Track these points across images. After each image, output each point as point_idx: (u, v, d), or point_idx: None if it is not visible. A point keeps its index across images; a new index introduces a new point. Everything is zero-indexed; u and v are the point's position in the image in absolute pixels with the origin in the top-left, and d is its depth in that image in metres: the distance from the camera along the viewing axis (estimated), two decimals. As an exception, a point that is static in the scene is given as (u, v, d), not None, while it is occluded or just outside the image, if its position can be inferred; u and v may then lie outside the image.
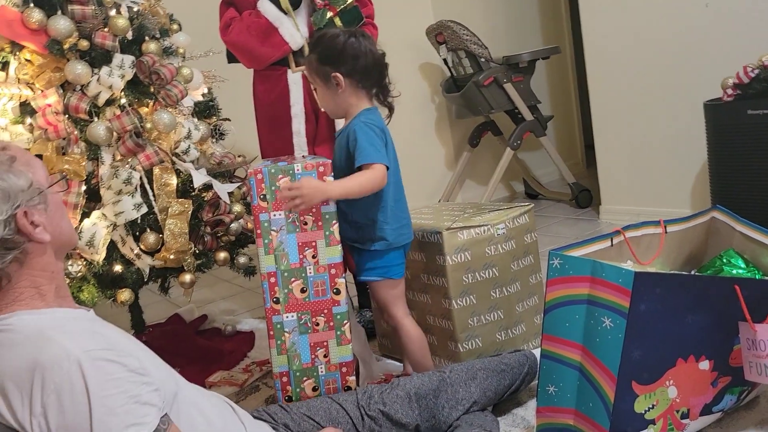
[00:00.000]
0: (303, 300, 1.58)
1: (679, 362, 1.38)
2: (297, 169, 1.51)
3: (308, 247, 1.56)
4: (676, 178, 3.02)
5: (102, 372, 1.00)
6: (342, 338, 1.60)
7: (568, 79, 4.55)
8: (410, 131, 3.66)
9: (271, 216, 1.55)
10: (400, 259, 1.76)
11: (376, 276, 1.74)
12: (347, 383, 1.63)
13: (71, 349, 0.99)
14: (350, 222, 1.72)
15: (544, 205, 3.89)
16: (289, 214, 1.55)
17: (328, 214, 1.55)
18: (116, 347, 1.06)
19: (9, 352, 1.01)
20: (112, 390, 1.00)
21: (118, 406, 1.00)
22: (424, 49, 3.76)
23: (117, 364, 1.02)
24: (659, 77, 2.99)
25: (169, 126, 1.92)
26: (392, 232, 1.72)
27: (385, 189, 1.67)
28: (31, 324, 1.03)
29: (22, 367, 0.98)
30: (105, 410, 0.98)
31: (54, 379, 0.97)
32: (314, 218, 1.54)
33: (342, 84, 1.66)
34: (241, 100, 2.41)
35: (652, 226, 1.63)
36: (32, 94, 1.85)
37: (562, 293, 1.43)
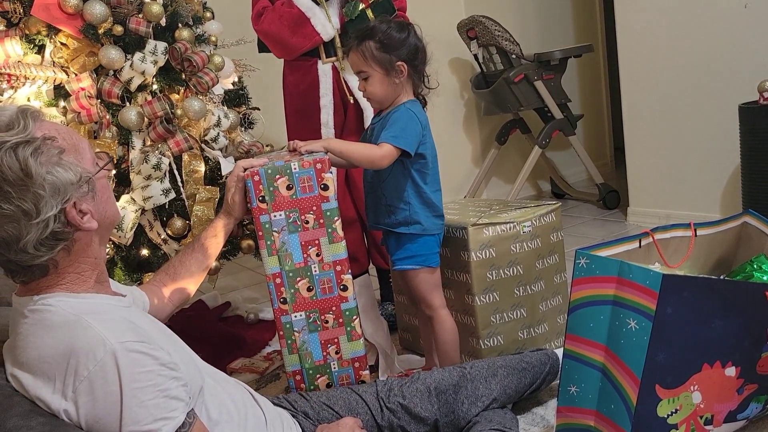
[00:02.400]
0: (310, 299, 1.56)
1: (704, 367, 1.36)
2: (294, 168, 1.49)
3: (311, 245, 1.53)
4: (707, 181, 2.97)
5: (135, 363, 1.01)
6: (352, 333, 1.59)
7: (599, 78, 4.49)
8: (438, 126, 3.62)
9: (272, 217, 1.52)
10: (436, 247, 1.77)
11: (414, 264, 1.75)
12: (361, 377, 1.63)
13: (107, 338, 1.00)
14: (385, 206, 1.74)
15: (571, 205, 3.85)
16: (290, 213, 1.51)
17: (329, 211, 1.51)
18: (150, 340, 1.06)
19: (46, 333, 1.02)
20: (144, 382, 1.01)
21: (148, 399, 1.01)
22: (455, 44, 3.74)
23: (150, 357, 1.03)
24: (694, 78, 2.93)
25: (199, 113, 1.93)
26: (427, 219, 1.73)
27: (422, 176, 1.70)
28: (69, 308, 1.04)
29: (57, 351, 0.99)
30: (135, 401, 0.99)
31: (88, 367, 0.98)
32: (315, 216, 1.51)
33: (405, 72, 1.67)
34: (270, 90, 2.42)
35: (681, 228, 1.60)
36: (66, 77, 1.87)
37: (588, 293, 1.41)
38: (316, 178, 1.50)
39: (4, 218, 0.98)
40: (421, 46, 1.70)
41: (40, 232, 1.00)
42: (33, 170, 0.99)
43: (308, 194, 1.51)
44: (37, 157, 1.00)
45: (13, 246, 1.00)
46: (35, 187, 0.99)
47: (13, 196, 0.98)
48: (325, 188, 1.50)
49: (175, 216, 1.95)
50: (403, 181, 1.70)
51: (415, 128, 1.65)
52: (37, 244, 1.00)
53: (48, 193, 1.00)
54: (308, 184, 1.50)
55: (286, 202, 1.51)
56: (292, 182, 1.50)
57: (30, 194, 0.98)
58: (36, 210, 0.99)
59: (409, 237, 1.74)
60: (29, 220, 0.99)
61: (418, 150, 1.68)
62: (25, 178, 0.98)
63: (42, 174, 1.00)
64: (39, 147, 1.01)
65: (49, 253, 1.02)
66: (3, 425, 0.89)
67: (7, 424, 0.90)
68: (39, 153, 1.00)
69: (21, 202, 0.98)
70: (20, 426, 0.90)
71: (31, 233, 0.99)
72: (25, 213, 0.98)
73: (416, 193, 1.71)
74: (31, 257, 1.01)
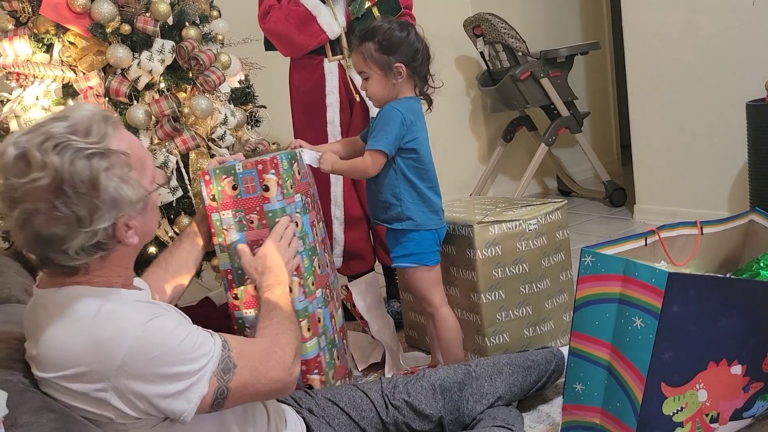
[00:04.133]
0: (257, 298, 1.55)
1: (710, 365, 1.36)
2: (238, 168, 1.51)
3: (257, 245, 1.51)
4: (714, 179, 2.96)
5: (166, 326, 1.06)
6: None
7: (606, 75, 4.48)
8: (444, 124, 3.64)
9: (222, 215, 1.54)
10: (434, 245, 1.77)
11: (410, 263, 1.75)
12: (307, 381, 1.62)
13: (131, 319, 1.03)
14: (380, 202, 1.76)
15: (577, 203, 3.85)
16: (236, 213, 1.53)
17: (271, 212, 1.51)
18: (164, 307, 1.12)
19: (69, 326, 1.02)
20: (180, 335, 1.06)
21: (191, 345, 1.07)
22: (461, 42, 3.74)
23: (170, 316, 1.09)
24: (701, 75, 2.92)
25: (206, 111, 1.94)
26: (420, 214, 1.73)
27: (416, 171, 1.72)
28: (91, 298, 1.05)
29: (84, 345, 1.01)
30: (181, 354, 1.05)
31: (121, 352, 1.00)
32: (259, 217, 1.52)
33: (403, 73, 1.69)
34: (277, 88, 2.43)
35: (688, 226, 1.60)
36: (75, 76, 1.88)
37: (593, 291, 1.42)
38: (258, 179, 1.50)
39: (56, 219, 0.99)
40: (421, 46, 1.71)
41: (86, 240, 1.01)
42: (102, 184, 1.00)
43: (251, 194, 1.52)
44: (108, 171, 1.01)
45: (54, 245, 1.01)
46: (97, 199, 1.00)
47: (73, 200, 0.99)
48: (266, 189, 1.50)
49: (182, 214, 1.95)
50: (394, 177, 1.72)
51: (394, 126, 1.67)
52: (79, 250, 1.02)
53: (106, 207, 1.01)
54: (251, 184, 1.52)
55: (232, 201, 1.53)
56: (237, 182, 1.52)
57: (90, 204, 1.00)
58: (90, 219, 1.00)
59: (404, 233, 1.75)
60: (80, 227, 1.00)
61: (409, 145, 1.70)
62: (91, 188, 0.99)
63: (108, 189, 1.01)
64: (113, 162, 1.03)
65: (86, 258, 1.04)
66: (15, 421, 0.90)
67: (18, 420, 0.91)
68: (111, 167, 1.02)
69: (78, 209, 0.99)
70: (31, 422, 0.91)
71: (77, 239, 1.00)
72: (79, 220, 1.00)
73: (409, 188, 1.72)
74: (68, 258, 1.02)
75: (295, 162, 1.60)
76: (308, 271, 1.59)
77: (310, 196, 1.70)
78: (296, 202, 1.58)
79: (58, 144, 0.99)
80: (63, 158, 0.98)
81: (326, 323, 1.65)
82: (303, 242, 1.58)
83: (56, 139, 0.99)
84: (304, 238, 1.59)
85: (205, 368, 1.07)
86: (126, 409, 1.03)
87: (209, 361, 1.08)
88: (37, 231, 0.99)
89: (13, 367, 1.04)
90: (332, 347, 1.67)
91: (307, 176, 1.71)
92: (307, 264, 1.59)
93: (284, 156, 1.55)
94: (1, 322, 1.27)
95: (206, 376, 1.07)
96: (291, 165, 1.57)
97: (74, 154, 0.99)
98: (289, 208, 1.54)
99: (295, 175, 1.59)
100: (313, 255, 1.63)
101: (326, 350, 1.64)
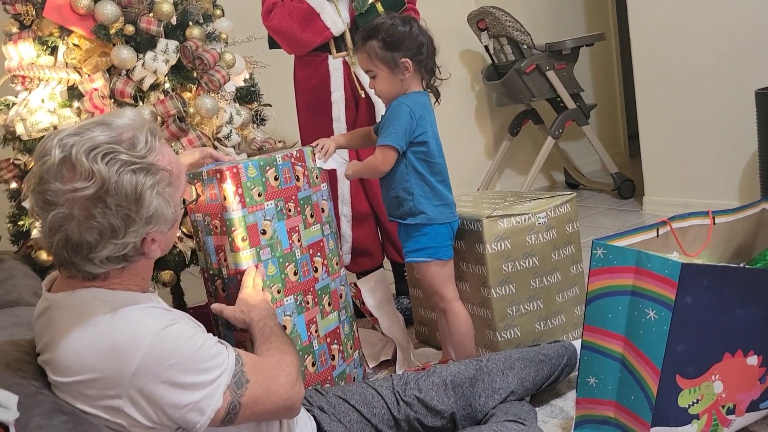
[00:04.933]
0: (225, 298, 1.59)
1: (726, 357, 1.34)
2: (205, 175, 1.54)
3: (220, 250, 1.57)
4: (724, 168, 2.94)
5: (182, 334, 1.05)
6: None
7: (612, 66, 4.45)
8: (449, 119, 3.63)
9: (196, 217, 1.60)
10: (448, 239, 1.76)
11: (424, 257, 1.75)
12: None
13: (147, 324, 1.02)
14: (393, 197, 1.75)
15: (585, 196, 3.83)
16: (205, 217, 1.57)
17: (228, 221, 1.53)
18: (179, 315, 1.11)
19: (84, 330, 1.01)
20: (195, 345, 1.05)
21: (205, 355, 1.06)
22: (465, 36, 3.72)
23: (185, 324, 1.08)
24: (709, 64, 2.89)
25: (212, 111, 1.94)
26: (432, 208, 1.72)
27: (427, 165, 1.71)
28: (106, 301, 1.05)
29: (99, 350, 1.00)
30: (195, 363, 1.04)
31: (137, 358, 0.99)
32: (220, 223, 1.54)
33: (410, 69, 1.68)
34: (282, 86, 2.42)
35: (699, 217, 1.59)
36: (79, 78, 1.88)
37: (605, 284, 1.40)
38: (218, 188, 1.52)
39: (90, 227, 0.98)
40: (425, 40, 1.70)
41: (113, 251, 1.01)
42: (146, 200, 1.00)
43: (213, 201, 1.55)
44: (153, 189, 1.01)
45: (83, 252, 1.00)
46: (136, 214, 1.00)
47: (111, 212, 0.98)
48: (224, 198, 1.52)
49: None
50: (405, 171, 1.71)
51: (404, 121, 1.67)
52: (105, 259, 1.02)
53: (142, 222, 1.01)
54: (212, 192, 1.54)
55: (201, 206, 1.57)
56: (204, 189, 1.56)
57: (127, 217, 0.99)
58: (124, 232, 1.00)
59: (417, 228, 1.74)
60: (112, 237, 1.00)
61: (419, 138, 1.69)
62: (134, 203, 0.99)
63: (152, 206, 1.01)
64: (159, 179, 1.02)
65: (109, 267, 1.04)
66: (26, 424, 0.89)
67: (30, 423, 0.90)
68: (156, 185, 1.02)
69: (114, 220, 0.99)
70: (43, 425, 0.91)
71: (106, 249, 1.00)
72: (113, 230, 0.99)
73: (420, 182, 1.72)
74: (92, 266, 1.02)
75: (271, 168, 1.61)
76: (273, 279, 1.59)
77: (296, 201, 1.68)
78: (267, 209, 1.58)
79: (106, 154, 0.98)
80: (111, 169, 0.97)
81: (298, 330, 1.64)
82: (272, 249, 1.59)
83: (102, 148, 0.98)
84: (274, 246, 1.59)
85: (218, 380, 1.07)
86: (139, 416, 1.02)
87: (223, 373, 1.07)
88: (69, 235, 0.99)
89: (24, 369, 1.04)
90: (305, 354, 1.65)
91: (293, 181, 1.68)
92: (275, 271, 1.59)
93: (252, 163, 1.57)
94: (11, 325, 1.27)
95: (220, 389, 1.06)
96: (263, 171, 1.58)
97: (122, 167, 0.98)
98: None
99: (269, 181, 1.60)
100: (287, 262, 1.62)
101: None
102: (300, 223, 1.68)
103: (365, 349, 2.11)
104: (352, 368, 1.83)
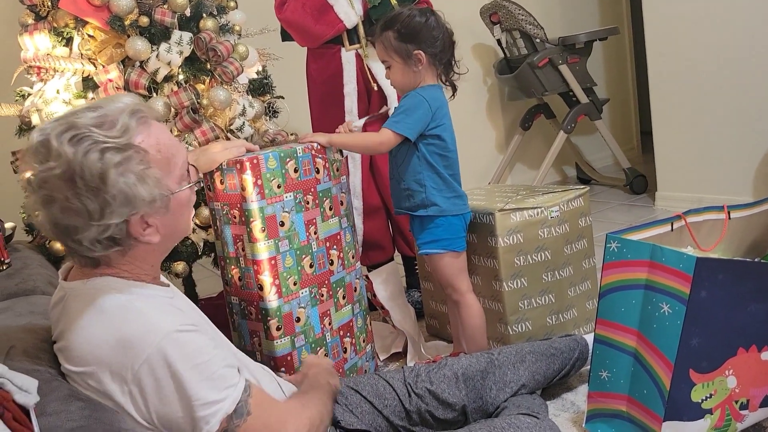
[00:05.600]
0: (240, 288, 1.61)
1: (740, 351, 1.34)
2: (224, 164, 1.55)
3: (238, 239, 1.57)
4: (739, 164, 2.91)
5: (191, 343, 1.03)
6: (269, 333, 1.59)
7: (625, 61, 4.42)
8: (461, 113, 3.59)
9: (214, 205, 1.61)
10: (462, 231, 1.76)
11: (438, 248, 1.74)
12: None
13: (159, 323, 1.01)
14: (404, 189, 1.75)
15: (597, 191, 3.81)
16: (223, 206, 1.58)
17: (247, 211, 1.53)
18: (195, 323, 1.09)
19: (96, 320, 1.02)
20: (204, 357, 1.03)
21: (212, 372, 1.03)
22: (477, 30, 3.70)
23: (202, 335, 1.06)
24: (724, 58, 2.87)
25: (225, 103, 1.94)
26: (444, 200, 1.72)
27: (441, 158, 1.71)
28: (119, 293, 1.05)
29: (109, 341, 1.00)
30: (199, 377, 1.01)
31: (145, 351, 0.99)
32: (239, 213, 1.55)
33: (423, 61, 1.68)
34: (294, 78, 2.42)
35: (714, 211, 1.57)
36: (94, 69, 1.89)
37: (619, 277, 1.40)
38: (238, 178, 1.53)
39: (70, 210, 0.99)
40: (440, 33, 1.69)
41: (98, 233, 1.01)
42: (110, 179, 0.99)
43: (232, 191, 1.56)
44: (119, 167, 0.99)
45: (71, 235, 1.01)
46: (106, 194, 0.99)
47: (82, 193, 0.98)
48: (243, 189, 1.53)
49: (202, 205, 1.96)
50: (417, 163, 1.71)
51: (420, 112, 1.66)
52: (93, 241, 1.01)
53: (117, 203, 1.00)
54: (232, 182, 1.55)
55: (220, 195, 1.58)
56: (223, 178, 1.56)
57: (99, 198, 0.99)
58: (100, 213, 0.99)
59: (431, 220, 1.73)
60: (90, 220, 0.99)
61: (434, 132, 1.69)
62: (99, 183, 0.98)
63: (118, 185, 0.99)
64: (127, 157, 1.00)
65: (102, 251, 1.03)
66: (44, 409, 0.90)
67: (47, 408, 0.91)
68: (123, 163, 1.00)
69: (88, 202, 0.98)
70: (60, 410, 0.91)
71: (89, 231, 1.00)
72: (89, 213, 0.99)
73: (432, 174, 1.71)
74: (85, 249, 1.02)
75: (291, 159, 1.61)
76: (290, 271, 1.59)
77: (315, 193, 1.68)
78: (286, 201, 1.59)
79: (75, 135, 0.98)
80: (77, 150, 0.97)
81: (312, 322, 1.65)
82: (290, 241, 1.59)
83: (76, 129, 0.99)
84: (292, 238, 1.60)
85: (218, 405, 1.03)
86: (136, 415, 1.01)
87: (225, 399, 1.04)
88: (54, 218, 1.00)
89: (41, 357, 1.05)
90: (317, 346, 1.66)
91: (312, 173, 1.67)
92: (291, 263, 1.59)
93: (272, 154, 1.57)
94: (27, 313, 1.28)
95: (218, 416, 1.03)
96: (283, 163, 1.58)
97: (89, 147, 0.98)
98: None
99: (289, 173, 1.60)
100: (303, 254, 1.63)
101: (305, 349, 1.63)
102: (318, 215, 1.69)
103: (376, 341, 2.11)
104: (363, 361, 1.83)
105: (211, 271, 2.47)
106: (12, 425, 0.70)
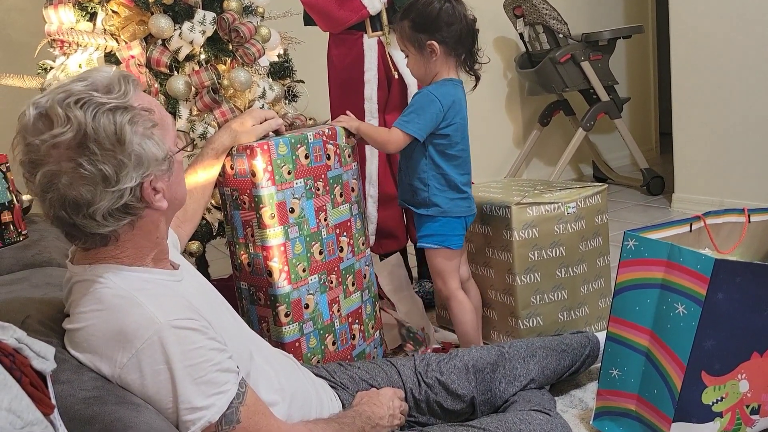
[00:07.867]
0: (249, 273, 1.60)
1: (753, 356, 1.32)
2: (234, 150, 1.55)
3: (248, 225, 1.57)
4: (759, 168, 2.88)
5: (186, 341, 0.99)
6: (277, 319, 1.58)
7: (648, 60, 4.37)
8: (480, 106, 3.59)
9: (224, 190, 1.60)
10: (460, 230, 1.75)
11: (433, 243, 1.75)
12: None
13: (156, 316, 0.99)
14: (407, 184, 1.75)
15: (613, 190, 3.78)
16: (233, 192, 1.57)
17: (257, 197, 1.52)
18: (198, 314, 1.06)
19: (95, 308, 1.01)
20: (197, 359, 1.00)
21: (201, 375, 1.00)
22: (500, 23, 3.68)
23: (200, 333, 1.02)
24: (749, 61, 2.83)
25: (245, 84, 1.94)
26: (447, 201, 1.71)
27: (446, 157, 1.69)
28: (120, 282, 1.03)
29: (105, 330, 0.99)
30: (188, 380, 0.99)
31: (135, 345, 0.97)
32: (248, 199, 1.54)
33: (437, 51, 1.66)
34: (315, 63, 2.41)
35: (734, 214, 1.56)
36: (117, 45, 1.89)
37: (635, 276, 1.39)
38: (248, 163, 1.52)
39: (82, 179, 0.96)
40: (457, 23, 1.66)
41: (113, 202, 0.98)
42: (127, 138, 0.97)
43: (242, 177, 1.54)
44: (133, 126, 0.98)
45: (83, 209, 0.98)
46: (122, 155, 0.97)
47: (98, 158, 0.96)
48: (253, 175, 1.52)
49: (218, 186, 1.96)
50: (423, 162, 1.70)
51: (431, 112, 1.64)
52: (106, 214, 0.99)
53: (132, 164, 0.98)
54: (242, 167, 1.54)
55: (231, 180, 1.58)
56: (233, 163, 1.56)
57: (115, 161, 0.97)
58: (116, 178, 0.97)
59: (430, 217, 1.73)
60: (106, 186, 0.97)
61: (443, 131, 1.67)
62: (116, 143, 0.97)
63: (133, 144, 0.98)
64: (136, 116, 1.00)
65: (114, 224, 1.01)
66: (57, 378, 0.91)
67: (60, 377, 0.92)
68: (135, 122, 0.99)
69: (104, 167, 0.96)
70: (73, 379, 0.92)
71: (104, 200, 0.97)
72: (105, 178, 0.96)
73: (437, 175, 1.70)
74: (96, 225, 0.99)
75: (302, 146, 1.59)
76: (300, 257, 1.59)
77: (326, 180, 1.66)
78: (296, 188, 1.58)
79: (79, 99, 0.96)
80: (86, 113, 0.95)
81: (320, 309, 1.64)
82: (299, 228, 1.59)
83: (78, 95, 0.96)
84: (301, 225, 1.59)
85: (203, 413, 1.00)
86: None
87: (210, 407, 1.00)
88: (63, 193, 0.96)
89: (54, 329, 1.05)
90: (326, 333, 1.66)
91: (323, 159, 1.66)
92: (301, 250, 1.59)
93: (283, 140, 1.56)
94: (44, 285, 1.29)
95: (200, 424, 1.00)
96: (293, 149, 1.57)
97: (96, 108, 0.96)
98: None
99: (300, 159, 1.58)
100: (313, 241, 1.62)
101: (313, 336, 1.63)
102: (328, 202, 1.68)
103: (385, 331, 2.11)
104: (372, 348, 1.83)
105: (224, 253, 2.48)
106: (29, 390, 0.70)
